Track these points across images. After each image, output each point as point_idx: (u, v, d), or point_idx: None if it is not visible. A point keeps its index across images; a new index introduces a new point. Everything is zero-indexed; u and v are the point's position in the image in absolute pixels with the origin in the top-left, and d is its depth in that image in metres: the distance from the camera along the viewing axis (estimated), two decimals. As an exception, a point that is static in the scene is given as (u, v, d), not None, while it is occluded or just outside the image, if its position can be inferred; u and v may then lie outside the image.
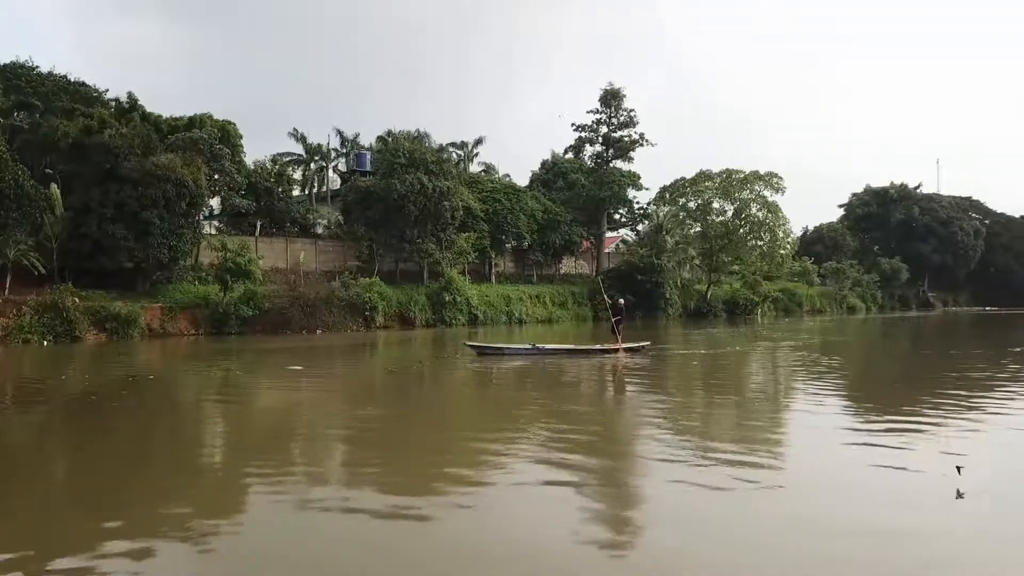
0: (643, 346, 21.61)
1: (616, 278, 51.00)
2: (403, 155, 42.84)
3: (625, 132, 53.11)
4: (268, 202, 44.86)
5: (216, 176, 37.16)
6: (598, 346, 21.25)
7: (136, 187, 31.98)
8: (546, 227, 50.15)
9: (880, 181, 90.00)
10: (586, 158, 54.67)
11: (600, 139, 53.32)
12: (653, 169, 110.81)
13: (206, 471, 8.92)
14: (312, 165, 60.34)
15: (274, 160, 52.80)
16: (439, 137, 59.46)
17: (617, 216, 56.75)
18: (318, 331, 35.26)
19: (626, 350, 20.72)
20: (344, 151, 61.76)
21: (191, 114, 46.16)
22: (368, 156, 60.20)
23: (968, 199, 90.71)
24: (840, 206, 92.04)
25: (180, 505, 6.97)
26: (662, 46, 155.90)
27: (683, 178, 61.98)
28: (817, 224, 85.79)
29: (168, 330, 32.72)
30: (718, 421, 11.83)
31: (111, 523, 6.39)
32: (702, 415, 12.49)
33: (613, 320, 21.94)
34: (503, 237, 48.70)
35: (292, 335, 33.78)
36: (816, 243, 79.74)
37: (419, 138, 62.46)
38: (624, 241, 66.60)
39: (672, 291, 50.51)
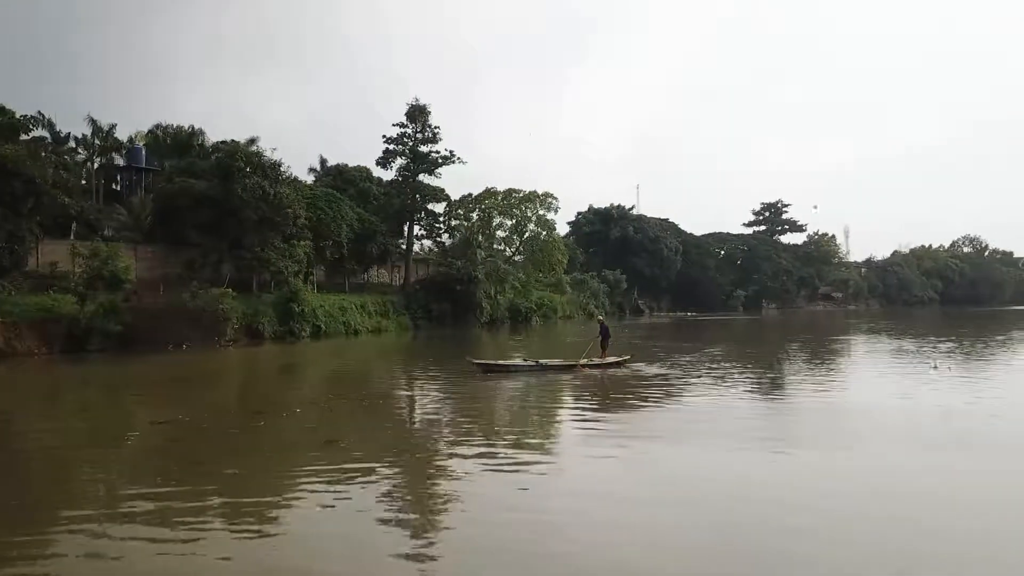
0: (624, 360, 24.05)
1: (431, 287, 52.77)
2: (241, 158, 40.38)
3: (431, 147, 55.00)
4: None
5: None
6: (583, 360, 23.18)
7: (-25, 181, 26.89)
8: (362, 236, 50.23)
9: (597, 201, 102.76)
10: (394, 169, 55.55)
11: (408, 152, 54.52)
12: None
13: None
14: (67, 157, 52.84)
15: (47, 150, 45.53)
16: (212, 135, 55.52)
17: (417, 228, 58.29)
18: (184, 346, 32.34)
19: (612, 364, 23.20)
20: (99, 143, 55.04)
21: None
22: (143, 151, 54.67)
23: (666, 220, 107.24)
24: (568, 223, 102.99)
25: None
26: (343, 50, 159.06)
27: (470, 194, 65.97)
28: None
29: (16, 348, 27.83)
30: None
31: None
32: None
33: (599, 336, 24.18)
34: (323, 245, 47.77)
35: (157, 353, 30.38)
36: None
37: (194, 135, 58.22)
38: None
39: (485, 301, 53.67)
